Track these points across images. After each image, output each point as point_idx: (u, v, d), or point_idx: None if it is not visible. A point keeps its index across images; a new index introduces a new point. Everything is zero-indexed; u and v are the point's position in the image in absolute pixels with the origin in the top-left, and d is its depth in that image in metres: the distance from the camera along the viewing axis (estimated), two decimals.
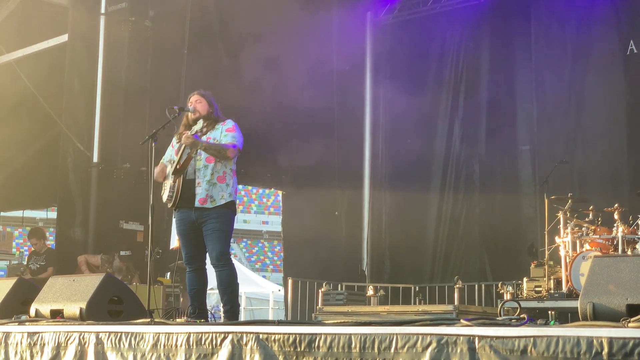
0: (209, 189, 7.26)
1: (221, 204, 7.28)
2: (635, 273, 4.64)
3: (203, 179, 7.28)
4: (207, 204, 7.26)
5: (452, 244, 14.80)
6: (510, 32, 14.68)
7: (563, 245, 10.79)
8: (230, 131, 7.41)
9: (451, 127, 15.07)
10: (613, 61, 13.33)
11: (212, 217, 7.26)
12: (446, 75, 15.25)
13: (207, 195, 7.25)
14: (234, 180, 7.43)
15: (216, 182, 7.29)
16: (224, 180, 7.33)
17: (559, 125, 13.78)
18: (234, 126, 7.46)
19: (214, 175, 7.29)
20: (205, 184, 7.26)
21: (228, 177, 7.36)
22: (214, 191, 7.27)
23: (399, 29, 15.98)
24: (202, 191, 7.26)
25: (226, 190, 7.31)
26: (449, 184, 14.92)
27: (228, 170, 7.38)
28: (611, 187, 12.89)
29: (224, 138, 7.36)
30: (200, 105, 7.54)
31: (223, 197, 7.29)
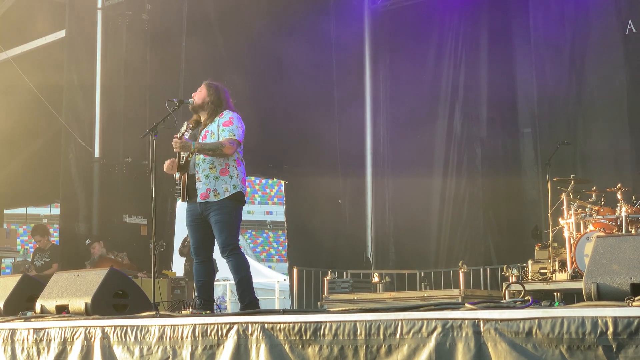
0: (210, 183, 7.18)
1: (226, 196, 7.21)
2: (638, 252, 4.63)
3: (202, 174, 7.20)
4: (210, 198, 7.19)
5: (456, 228, 14.79)
6: (508, 14, 14.64)
7: (567, 226, 10.77)
8: (227, 125, 7.24)
9: (452, 112, 15.05)
10: (612, 41, 13.28)
11: (214, 209, 7.18)
12: (445, 60, 15.22)
13: (208, 190, 7.17)
14: (239, 170, 7.31)
15: (219, 176, 7.18)
16: (227, 173, 7.22)
17: (560, 106, 13.76)
18: (230, 118, 7.28)
19: (216, 168, 7.19)
20: (204, 179, 7.19)
21: (232, 169, 7.24)
22: (217, 185, 7.18)
23: (397, 15, 15.94)
24: (202, 186, 7.20)
25: (230, 183, 7.21)
26: (451, 168, 14.90)
27: (231, 161, 7.25)
28: (614, 167, 12.87)
29: (221, 133, 7.20)
30: (198, 95, 7.44)
31: (227, 189, 7.20)
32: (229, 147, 7.10)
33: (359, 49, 16.15)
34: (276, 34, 14.28)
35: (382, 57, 16.19)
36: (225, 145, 7.09)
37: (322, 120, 15.14)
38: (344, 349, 4.70)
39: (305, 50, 14.60)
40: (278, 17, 14.27)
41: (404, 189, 15.50)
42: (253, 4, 13.82)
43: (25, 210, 17.71)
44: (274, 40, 14.25)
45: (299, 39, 14.52)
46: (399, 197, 15.66)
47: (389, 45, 16.13)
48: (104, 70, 12.74)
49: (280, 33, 14.34)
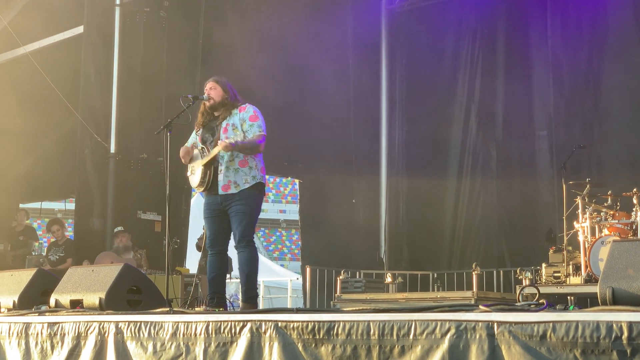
0: (231, 175, 7.26)
1: (246, 187, 7.27)
2: None
3: (224, 166, 7.27)
4: (231, 190, 7.26)
5: (469, 230, 14.77)
6: (525, 16, 14.61)
7: (582, 230, 10.74)
8: (254, 120, 7.32)
9: (467, 114, 15.03)
10: (630, 44, 13.25)
11: (235, 199, 7.26)
12: (462, 61, 15.20)
13: (230, 182, 7.25)
14: (257, 160, 7.36)
15: (238, 168, 7.27)
16: (246, 164, 7.29)
17: (576, 109, 13.73)
18: (255, 112, 7.38)
19: (235, 160, 7.26)
20: (225, 170, 7.26)
21: (250, 160, 7.31)
22: (237, 177, 7.26)
23: (414, 17, 15.94)
24: (223, 178, 7.26)
25: (249, 174, 7.28)
26: (466, 170, 14.88)
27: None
28: (629, 172, 12.81)
29: (249, 128, 7.28)
30: (215, 92, 7.49)
31: (247, 181, 7.27)
32: (262, 145, 7.28)
33: (375, 49, 16.16)
34: (293, 32, 14.28)
35: (398, 57, 16.18)
36: (261, 143, 7.25)
37: (337, 120, 15.15)
38: (357, 349, 4.70)
39: (322, 49, 14.61)
40: (296, 16, 14.27)
41: (418, 189, 15.48)
42: (271, 2, 13.84)
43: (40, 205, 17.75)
44: (291, 39, 14.25)
45: (316, 38, 14.53)
46: (413, 197, 15.64)
47: (405, 46, 16.13)
48: (121, 66, 12.77)
49: (297, 32, 14.34)
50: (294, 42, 14.28)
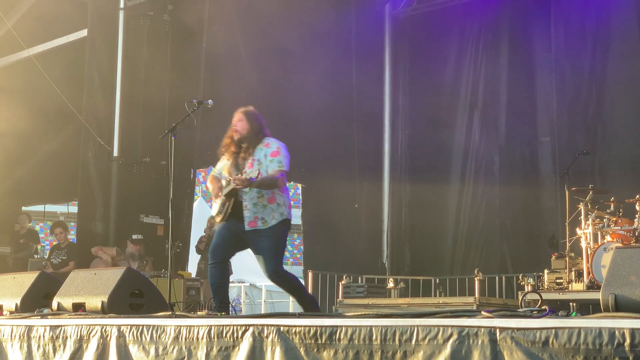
0: (258, 211, 7.22)
1: (273, 224, 7.25)
2: None
3: (250, 202, 7.23)
4: (259, 226, 7.22)
5: (472, 236, 14.77)
6: (529, 22, 14.62)
7: (584, 236, 10.73)
8: (275, 155, 7.30)
9: (470, 119, 15.04)
10: (634, 51, 13.25)
11: (262, 235, 7.23)
12: (465, 67, 15.22)
13: (257, 218, 7.21)
14: (284, 197, 7.35)
15: (266, 204, 7.24)
16: (274, 201, 7.27)
17: (579, 116, 13.73)
18: (278, 148, 7.36)
19: (263, 197, 7.23)
20: (252, 207, 7.22)
21: (278, 197, 7.30)
22: (265, 213, 7.23)
23: (418, 22, 15.95)
24: (250, 214, 7.22)
25: (277, 210, 7.26)
26: (469, 175, 14.89)
27: (277, 190, 7.31)
28: (632, 178, 12.80)
29: (270, 164, 7.25)
30: (241, 125, 7.45)
31: (274, 217, 7.25)
32: (282, 180, 7.24)
33: (379, 54, 16.17)
34: (297, 37, 14.29)
35: (402, 62, 16.19)
36: (279, 178, 7.20)
37: (340, 124, 15.15)
38: (359, 354, 4.70)
39: (326, 54, 14.63)
40: (299, 21, 14.28)
41: (421, 194, 15.48)
42: (274, 6, 13.83)
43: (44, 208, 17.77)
44: (294, 44, 14.26)
45: (319, 42, 14.54)
46: (416, 202, 15.64)
47: (409, 51, 16.14)
48: (124, 69, 12.77)
49: (301, 37, 14.35)
50: (297, 47, 14.29)
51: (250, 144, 7.36)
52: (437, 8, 15.63)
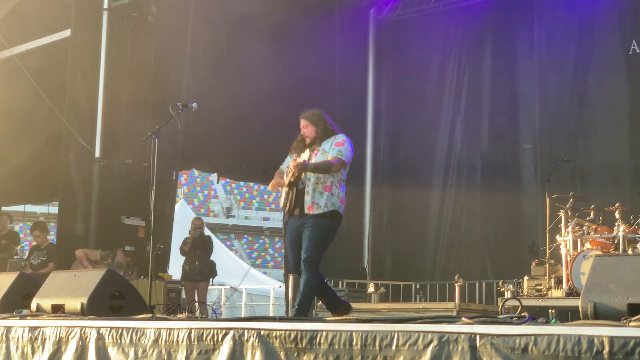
0: (315, 197, 7.48)
1: (325, 211, 7.47)
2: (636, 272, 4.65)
3: (311, 187, 7.49)
4: (314, 211, 7.46)
5: (453, 241, 14.81)
6: (512, 30, 14.70)
7: (564, 243, 10.80)
8: (338, 145, 7.57)
9: (453, 125, 15.09)
10: (615, 61, 13.35)
11: (308, 224, 7.47)
12: (448, 73, 15.27)
13: (313, 203, 7.46)
14: (340, 190, 7.61)
15: (322, 191, 7.50)
16: (330, 190, 7.53)
17: (561, 124, 13.80)
18: (343, 141, 7.62)
19: (320, 184, 7.49)
20: (312, 192, 7.48)
21: (334, 187, 7.56)
22: (320, 199, 7.48)
23: (402, 27, 15.99)
24: (309, 199, 7.47)
25: (330, 199, 7.50)
26: (451, 181, 14.93)
27: (335, 180, 7.58)
28: (612, 187, 12.90)
29: (331, 151, 7.54)
30: (307, 130, 7.76)
31: (327, 205, 7.48)
32: (335, 165, 7.47)
33: (362, 59, 16.18)
34: (281, 40, 14.29)
35: (385, 67, 16.22)
36: (333, 163, 7.46)
37: None
38: (339, 359, 4.71)
39: (309, 58, 14.63)
40: (284, 24, 14.28)
41: (402, 200, 15.51)
42: (259, 10, 13.83)
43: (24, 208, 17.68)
44: (278, 47, 14.25)
45: (303, 46, 14.55)
46: (398, 207, 15.67)
47: (392, 56, 16.18)
48: (107, 70, 12.72)
49: (285, 40, 14.35)
50: (281, 50, 14.28)
51: (319, 142, 7.66)
52: (421, 14, 15.69)
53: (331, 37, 15.54)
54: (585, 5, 13.68)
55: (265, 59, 14.16)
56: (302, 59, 14.45)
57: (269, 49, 14.17)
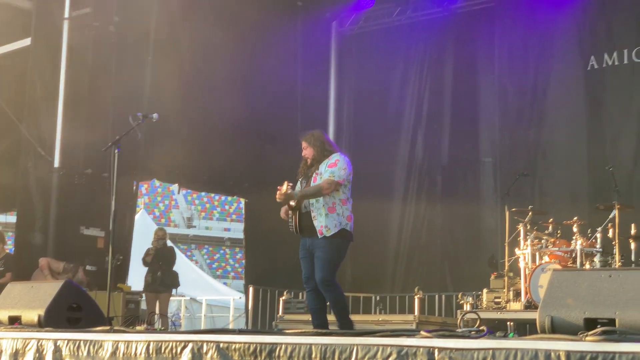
0: (323, 220, 7.71)
1: (335, 232, 7.73)
2: (593, 287, 4.69)
3: (317, 212, 7.74)
4: (325, 233, 7.71)
5: (413, 254, 14.86)
6: (473, 44, 14.81)
7: (523, 257, 10.88)
8: (331, 166, 7.80)
9: (414, 138, 15.14)
10: (574, 76, 13.48)
11: (320, 246, 7.74)
12: (410, 86, 15.34)
13: (323, 226, 7.71)
14: (344, 208, 7.87)
15: (328, 213, 7.73)
16: (334, 210, 7.78)
17: (521, 138, 13.91)
18: (336, 160, 7.85)
19: (325, 207, 7.73)
20: (319, 216, 7.72)
21: (338, 207, 7.80)
22: (328, 221, 7.71)
23: (364, 40, 16.04)
24: (318, 223, 7.71)
25: (337, 219, 7.75)
26: (411, 194, 14.98)
27: (337, 200, 7.81)
28: (571, 201, 13.02)
29: (324, 173, 7.77)
30: (307, 152, 8.02)
31: (335, 225, 7.74)
32: (326, 188, 7.68)
33: (324, 71, 16.20)
34: (243, 51, 14.28)
35: (347, 80, 16.25)
36: (324, 187, 7.68)
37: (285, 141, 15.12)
38: None
39: (272, 69, 14.62)
40: (245, 36, 14.28)
41: (363, 212, 15.40)
42: (221, 22, 13.83)
43: None
44: (240, 58, 14.25)
45: (265, 57, 14.54)
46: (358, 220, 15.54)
47: (354, 69, 16.21)
48: (67, 80, 12.63)
49: (247, 51, 14.35)
50: (243, 61, 14.28)
51: (317, 162, 7.91)
52: (383, 27, 15.74)
53: (293, 49, 15.56)
54: (546, 21, 13.81)
55: (228, 70, 14.16)
56: (264, 71, 14.46)
57: (231, 61, 14.17)
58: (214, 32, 13.84)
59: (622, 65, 13.06)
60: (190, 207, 46.10)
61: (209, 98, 13.61)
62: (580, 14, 13.54)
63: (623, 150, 12.91)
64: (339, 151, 8.04)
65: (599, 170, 12.55)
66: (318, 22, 16.03)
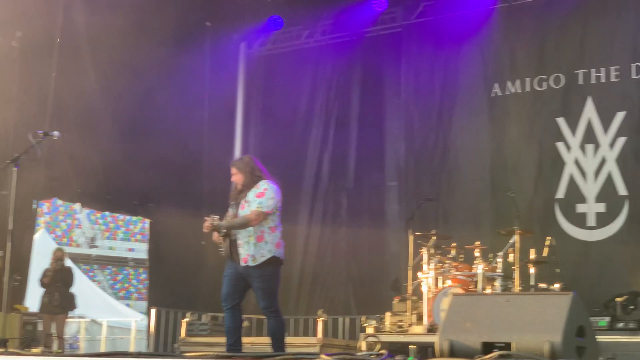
0: (249, 249, 7.73)
1: (262, 261, 7.74)
2: (491, 312, 4.76)
3: (243, 240, 7.76)
4: (249, 263, 7.73)
5: (317, 276, 14.87)
6: (381, 69, 14.97)
7: (426, 280, 10.99)
8: (258, 196, 7.81)
9: (320, 161, 15.20)
10: (478, 103, 13.72)
11: (255, 275, 7.76)
12: (317, 108, 15.41)
13: (248, 255, 7.72)
14: (273, 236, 7.86)
15: (256, 242, 7.76)
16: (263, 239, 7.79)
17: (426, 162, 14.07)
18: (264, 190, 7.87)
19: (253, 236, 7.75)
20: (245, 245, 7.75)
21: (267, 235, 7.81)
22: (255, 250, 7.74)
23: (272, 62, 16.05)
24: (243, 252, 7.74)
25: (265, 248, 7.76)
26: (317, 216, 15.01)
27: (266, 229, 7.82)
28: (474, 225, 13.20)
29: (252, 204, 7.77)
30: (237, 178, 8.05)
31: (263, 255, 7.75)
32: (254, 220, 7.71)
33: (232, 93, 16.15)
34: (149, 69, 14.14)
35: (255, 101, 16.23)
36: (251, 218, 7.71)
37: (190, 161, 15.06)
38: None
39: (179, 88, 14.53)
40: (153, 53, 14.14)
41: None
42: (127, 39, 13.67)
43: None
44: (148, 78, 14.11)
45: (172, 76, 14.44)
46: None
47: (262, 90, 16.21)
48: None
49: (154, 70, 14.21)
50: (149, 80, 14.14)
51: (246, 188, 7.92)
52: (291, 49, 15.79)
53: (202, 68, 15.49)
54: (451, 48, 14.04)
55: (134, 89, 14.00)
56: (172, 92, 14.35)
57: (137, 79, 14.02)
58: (120, 48, 13.69)
59: (524, 93, 13.35)
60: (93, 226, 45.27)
61: (113, 118, 13.43)
62: (485, 42, 13.82)
63: (524, 176, 13.17)
64: (268, 178, 8.10)
65: (501, 195, 12.80)
66: (227, 43, 15.98)
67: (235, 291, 7.88)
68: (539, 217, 12.83)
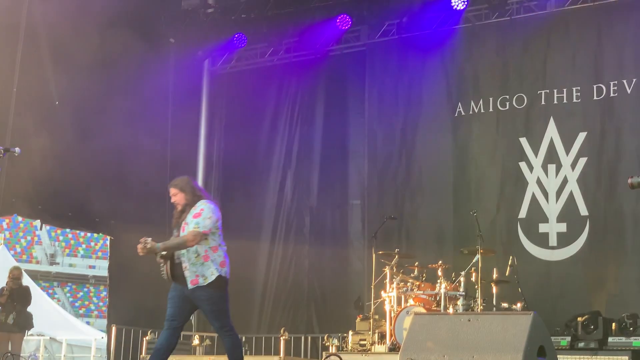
0: (197, 269, 7.59)
1: (212, 280, 7.58)
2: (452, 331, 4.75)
3: (188, 262, 7.59)
4: (200, 283, 7.57)
5: (280, 295, 14.82)
6: (344, 88, 15.03)
7: (388, 299, 11.00)
8: (196, 217, 7.67)
9: (284, 179, 15.19)
10: (442, 122, 13.78)
11: (203, 299, 7.62)
12: (280, 126, 15.41)
13: (197, 276, 7.57)
14: (216, 255, 7.72)
15: (203, 262, 7.62)
16: (208, 259, 7.66)
17: (389, 181, 14.10)
18: (201, 210, 7.73)
19: (199, 256, 7.62)
20: (191, 266, 7.58)
21: (211, 254, 7.68)
22: (204, 270, 7.60)
23: (236, 79, 16.03)
24: (190, 274, 7.57)
25: (212, 267, 7.62)
26: (279, 235, 14.98)
27: (208, 249, 7.69)
28: (436, 245, 13.25)
29: (190, 224, 7.64)
30: (177, 198, 7.90)
31: (213, 273, 7.61)
32: (191, 241, 7.53)
33: (195, 109, 16.10)
34: (112, 82, 14.04)
35: (218, 118, 16.20)
36: (189, 239, 7.54)
37: (152, 177, 14.94)
38: None
39: (141, 103, 14.43)
40: (115, 65, 14.05)
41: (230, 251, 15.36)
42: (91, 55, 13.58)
43: None
44: (110, 94, 14.01)
45: (134, 89, 14.35)
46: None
47: (225, 108, 16.19)
48: None
49: (115, 82, 14.12)
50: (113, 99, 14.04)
51: (187, 210, 7.79)
52: (255, 67, 15.79)
53: (165, 83, 15.41)
54: (415, 67, 14.11)
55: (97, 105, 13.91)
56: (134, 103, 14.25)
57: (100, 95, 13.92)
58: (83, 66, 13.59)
59: (487, 113, 13.44)
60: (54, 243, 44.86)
61: (76, 133, 13.30)
62: (449, 62, 13.91)
63: (487, 195, 13.24)
64: (207, 198, 7.99)
65: (463, 214, 12.85)
66: (190, 60, 15.94)
67: (181, 313, 7.75)
68: (501, 237, 12.90)
